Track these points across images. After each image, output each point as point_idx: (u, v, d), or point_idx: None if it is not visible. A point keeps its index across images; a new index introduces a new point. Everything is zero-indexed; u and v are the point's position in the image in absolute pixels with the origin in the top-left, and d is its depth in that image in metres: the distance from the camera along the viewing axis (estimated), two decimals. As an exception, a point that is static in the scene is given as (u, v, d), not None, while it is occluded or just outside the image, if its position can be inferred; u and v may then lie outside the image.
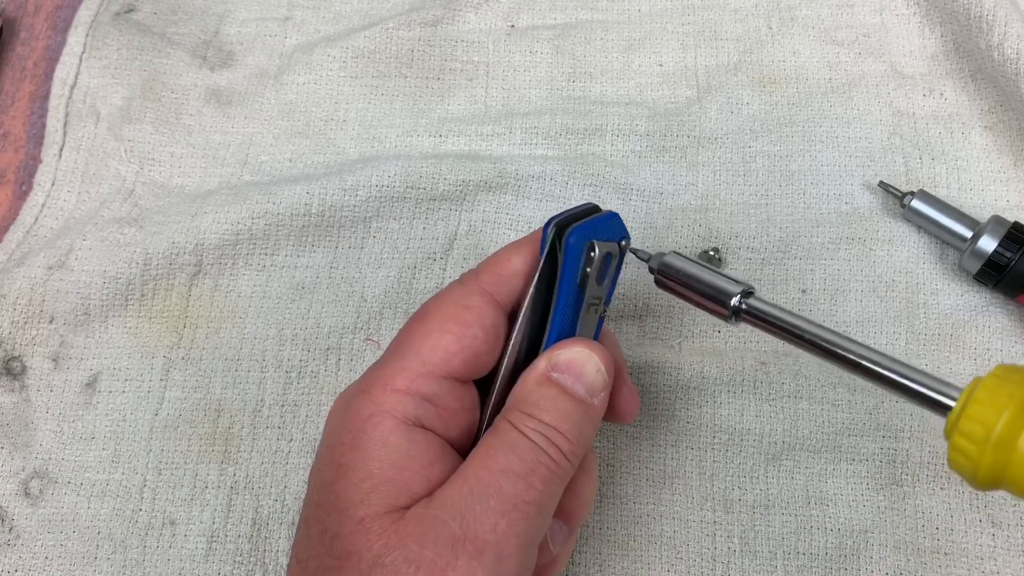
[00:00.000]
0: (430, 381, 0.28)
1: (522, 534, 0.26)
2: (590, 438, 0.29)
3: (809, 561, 0.36)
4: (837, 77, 0.45)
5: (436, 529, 0.26)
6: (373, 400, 0.28)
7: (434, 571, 0.25)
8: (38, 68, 0.48)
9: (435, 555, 0.25)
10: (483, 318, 0.29)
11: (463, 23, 0.48)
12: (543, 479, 0.27)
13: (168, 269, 0.41)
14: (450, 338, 0.29)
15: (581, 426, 0.28)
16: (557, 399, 0.28)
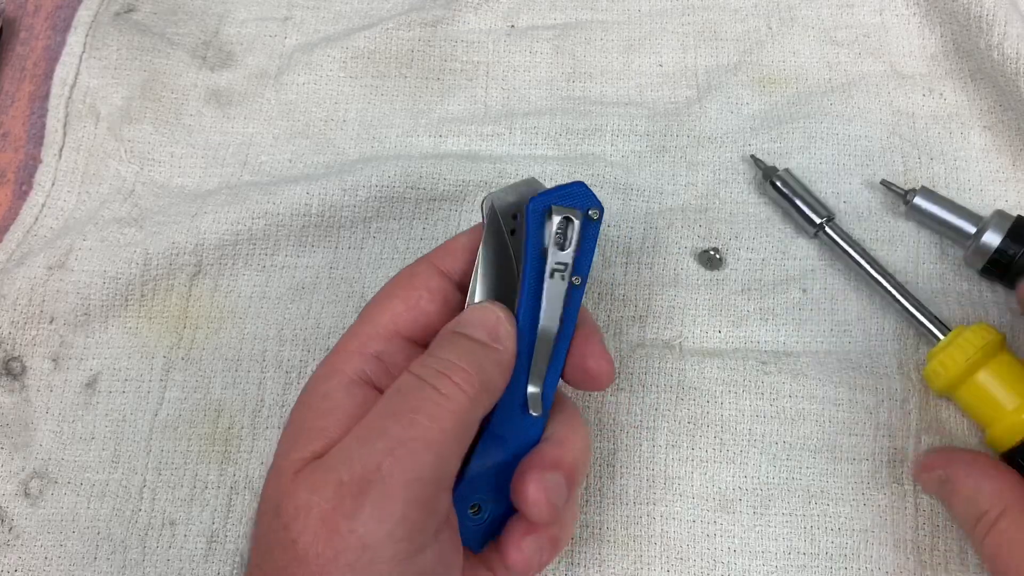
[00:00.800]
0: (378, 340, 0.31)
1: (409, 470, 0.26)
2: (495, 378, 0.29)
3: (809, 561, 0.36)
4: (837, 77, 0.45)
5: (326, 475, 0.26)
6: (327, 364, 0.31)
7: (322, 516, 0.26)
8: (38, 68, 0.48)
9: (322, 499, 0.26)
10: (428, 282, 0.32)
11: (463, 23, 0.48)
12: (430, 414, 0.27)
13: (168, 269, 0.41)
14: (397, 301, 0.32)
15: (481, 363, 0.29)
16: (456, 342, 0.29)
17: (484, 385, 0.29)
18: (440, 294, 0.32)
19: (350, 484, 0.26)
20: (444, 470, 0.27)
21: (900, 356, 0.38)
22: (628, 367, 0.39)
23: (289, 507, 0.26)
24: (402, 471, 0.26)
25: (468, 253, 0.33)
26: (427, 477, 0.26)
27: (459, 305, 0.32)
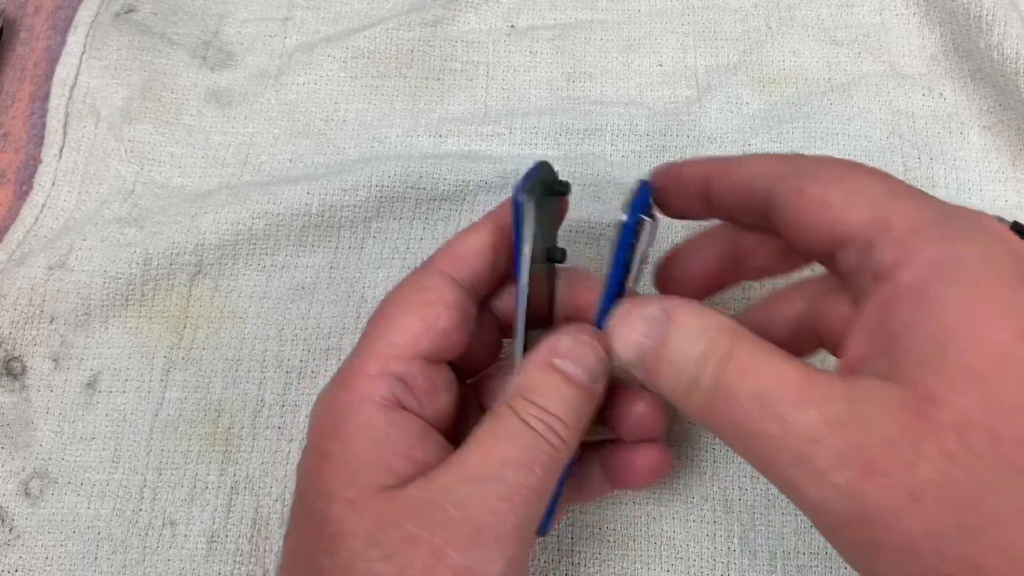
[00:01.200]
0: (401, 363, 0.29)
1: (521, 516, 0.26)
2: (587, 419, 0.29)
3: (809, 561, 0.36)
4: (836, 77, 0.45)
5: (433, 511, 0.26)
6: (350, 389, 0.29)
7: (432, 550, 0.25)
8: (38, 68, 0.48)
9: (432, 535, 0.25)
10: (444, 297, 0.30)
11: (463, 23, 0.48)
12: (543, 465, 0.27)
13: (168, 269, 0.41)
14: (414, 319, 0.30)
15: (580, 411, 0.29)
16: (559, 385, 0.28)
17: (580, 431, 0.29)
18: (458, 311, 0.30)
19: (463, 523, 0.25)
20: (541, 513, 0.28)
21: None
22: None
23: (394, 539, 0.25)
24: (516, 517, 0.26)
25: (479, 255, 0.32)
26: (533, 524, 0.27)
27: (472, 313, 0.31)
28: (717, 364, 0.24)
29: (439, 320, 0.30)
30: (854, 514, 0.21)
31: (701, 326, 0.25)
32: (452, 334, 0.30)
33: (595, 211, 0.42)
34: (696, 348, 0.25)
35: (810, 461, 0.22)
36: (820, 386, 0.22)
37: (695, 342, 0.25)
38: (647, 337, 0.26)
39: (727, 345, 0.24)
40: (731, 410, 0.23)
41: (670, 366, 0.25)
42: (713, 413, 0.24)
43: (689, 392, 0.25)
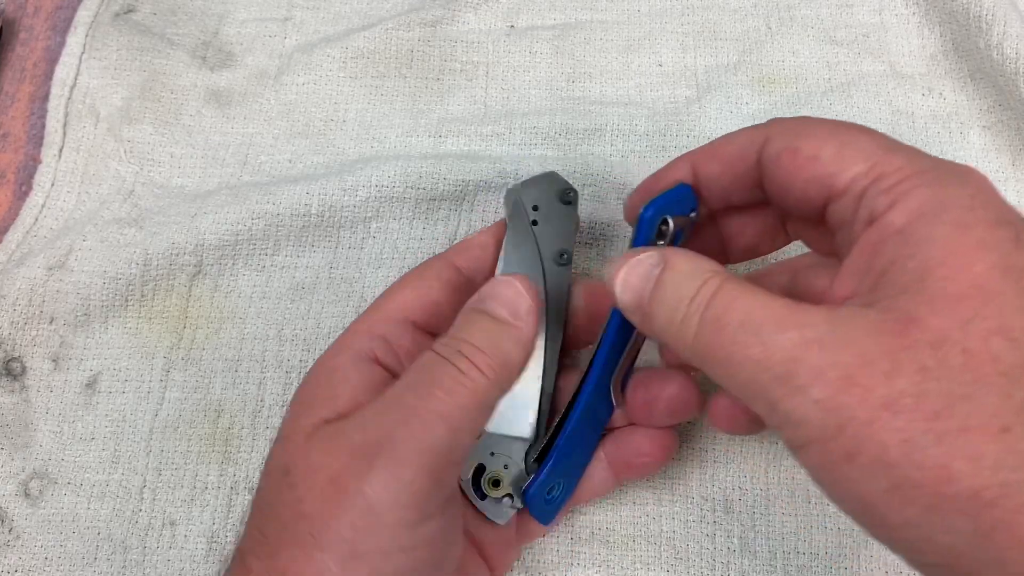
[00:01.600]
0: (386, 324, 0.32)
1: (421, 441, 0.26)
2: (515, 357, 0.30)
3: (809, 561, 0.36)
4: (836, 76, 0.45)
5: (340, 440, 0.27)
6: (336, 343, 0.32)
7: (331, 476, 0.26)
8: (38, 68, 0.48)
9: (332, 461, 0.27)
10: (440, 273, 0.34)
11: (463, 23, 0.48)
12: (447, 389, 0.27)
13: (168, 269, 0.41)
14: (407, 290, 0.33)
15: (501, 343, 0.29)
16: (477, 320, 0.30)
17: (503, 366, 0.29)
18: (450, 284, 0.33)
19: (362, 447, 0.26)
20: (456, 444, 0.28)
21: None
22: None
23: (300, 468, 0.27)
24: (414, 439, 0.26)
25: (484, 250, 0.35)
26: (438, 448, 0.27)
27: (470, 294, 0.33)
28: (706, 300, 0.25)
29: (431, 291, 0.33)
30: (831, 426, 0.22)
31: (693, 268, 0.26)
32: (443, 307, 0.33)
33: (595, 211, 0.42)
34: (689, 287, 0.26)
35: (790, 379, 0.23)
36: (801, 313, 0.23)
37: (687, 282, 0.26)
38: (644, 280, 0.27)
39: (716, 283, 0.25)
40: (719, 339, 0.24)
41: (663, 305, 0.26)
42: (702, 345, 0.25)
43: (681, 329, 0.26)
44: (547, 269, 0.35)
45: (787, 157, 0.27)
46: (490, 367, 0.29)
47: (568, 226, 0.35)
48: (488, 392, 0.29)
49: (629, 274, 0.28)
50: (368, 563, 0.25)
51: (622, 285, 0.28)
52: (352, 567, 0.25)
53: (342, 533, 0.25)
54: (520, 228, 0.35)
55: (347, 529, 0.25)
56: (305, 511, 0.26)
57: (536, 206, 0.35)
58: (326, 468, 0.27)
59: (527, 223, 0.35)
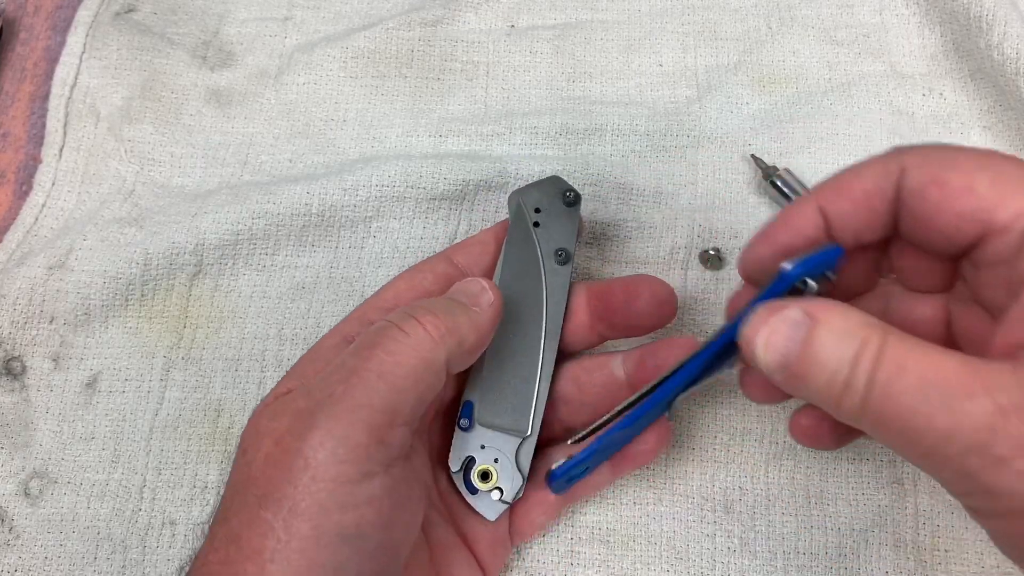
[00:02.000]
0: (377, 311, 0.33)
1: (359, 396, 0.27)
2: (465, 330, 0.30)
3: (809, 561, 0.36)
4: (836, 77, 0.45)
5: (287, 405, 0.28)
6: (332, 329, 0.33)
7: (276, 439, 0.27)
8: (38, 68, 0.48)
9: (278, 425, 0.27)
10: (435, 267, 0.34)
11: (463, 23, 0.48)
12: (388, 349, 0.28)
13: (168, 269, 0.41)
14: (401, 282, 0.34)
15: (454, 313, 0.30)
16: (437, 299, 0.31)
17: (451, 330, 0.29)
18: (444, 277, 0.34)
19: (305, 409, 0.27)
20: (398, 402, 0.28)
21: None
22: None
23: (250, 434, 0.28)
24: (351, 396, 0.27)
25: (483, 247, 0.35)
26: (377, 405, 0.27)
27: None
28: (871, 362, 0.23)
29: (423, 283, 0.34)
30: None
31: (848, 325, 0.24)
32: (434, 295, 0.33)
33: (595, 211, 0.42)
34: (848, 347, 0.23)
35: (987, 449, 0.21)
36: (985, 373, 0.22)
37: (844, 342, 0.24)
38: (790, 340, 0.25)
39: (878, 341, 0.23)
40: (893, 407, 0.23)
41: (819, 368, 0.24)
42: (871, 413, 0.23)
43: (844, 394, 0.24)
44: (547, 268, 0.35)
45: (934, 190, 0.25)
46: (435, 327, 0.29)
47: (569, 226, 0.36)
48: (432, 351, 0.29)
49: (772, 333, 0.25)
50: (309, 520, 0.26)
51: (764, 346, 0.25)
52: (294, 525, 0.26)
53: (283, 491, 0.26)
54: (521, 229, 0.36)
55: (287, 487, 0.26)
56: (252, 475, 0.27)
57: (538, 208, 0.36)
58: (271, 433, 0.27)
59: (528, 224, 0.36)
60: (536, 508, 0.34)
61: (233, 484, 0.28)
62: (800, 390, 0.25)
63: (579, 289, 0.36)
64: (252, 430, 0.28)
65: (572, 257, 0.35)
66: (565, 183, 0.37)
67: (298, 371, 0.31)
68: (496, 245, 0.36)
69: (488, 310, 0.32)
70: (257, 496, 0.26)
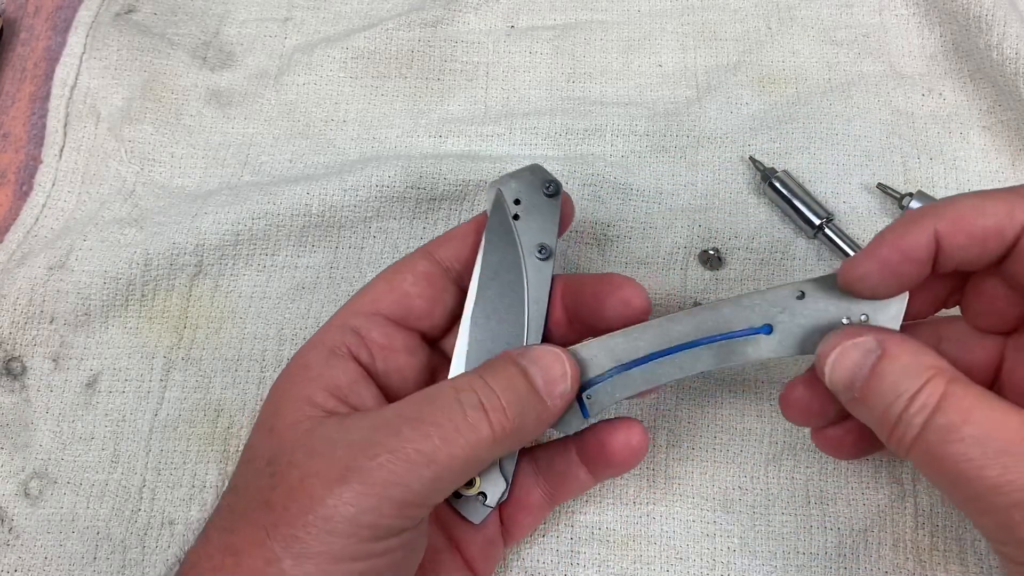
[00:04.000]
0: (358, 316, 0.32)
1: (399, 477, 0.26)
2: (530, 429, 0.29)
3: (809, 560, 0.36)
4: (836, 77, 0.45)
5: (324, 445, 0.27)
6: (311, 339, 0.32)
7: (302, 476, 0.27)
8: (38, 69, 0.48)
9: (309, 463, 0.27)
10: (415, 265, 0.33)
11: (463, 24, 0.48)
12: (448, 438, 0.27)
13: (168, 269, 0.41)
14: (381, 283, 0.33)
15: (524, 410, 0.29)
16: (511, 375, 0.29)
17: (516, 431, 0.28)
18: (424, 276, 0.33)
19: (342, 460, 0.27)
20: (435, 490, 0.27)
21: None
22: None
23: (282, 461, 0.27)
24: (393, 474, 0.26)
25: (463, 240, 0.34)
26: (415, 489, 0.27)
27: (446, 289, 0.33)
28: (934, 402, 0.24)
29: (403, 283, 0.32)
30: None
31: (915, 362, 0.26)
32: (415, 299, 0.32)
33: (595, 211, 0.42)
34: (910, 383, 0.25)
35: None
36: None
37: (909, 377, 0.25)
38: (859, 366, 0.26)
39: (943, 383, 0.25)
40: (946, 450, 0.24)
41: (879, 397, 0.26)
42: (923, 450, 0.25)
43: (899, 426, 0.25)
44: (528, 264, 0.34)
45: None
46: (502, 427, 0.28)
47: (550, 219, 0.35)
48: (488, 450, 0.28)
49: (842, 355, 0.27)
50: (318, 565, 0.26)
51: (833, 364, 0.27)
52: (302, 564, 0.26)
53: (296, 531, 0.26)
54: (501, 222, 0.34)
55: (301, 529, 0.26)
56: (271, 500, 0.27)
57: (518, 199, 0.35)
58: (302, 467, 0.27)
59: (508, 217, 0.34)
60: (524, 510, 0.34)
61: (249, 497, 0.28)
62: (861, 413, 0.27)
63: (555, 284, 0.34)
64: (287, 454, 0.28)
65: (554, 253, 0.34)
66: (546, 173, 0.35)
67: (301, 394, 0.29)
68: (476, 239, 0.34)
69: (561, 404, 0.30)
70: (271, 524, 0.26)
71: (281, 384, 0.31)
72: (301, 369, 0.31)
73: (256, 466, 0.28)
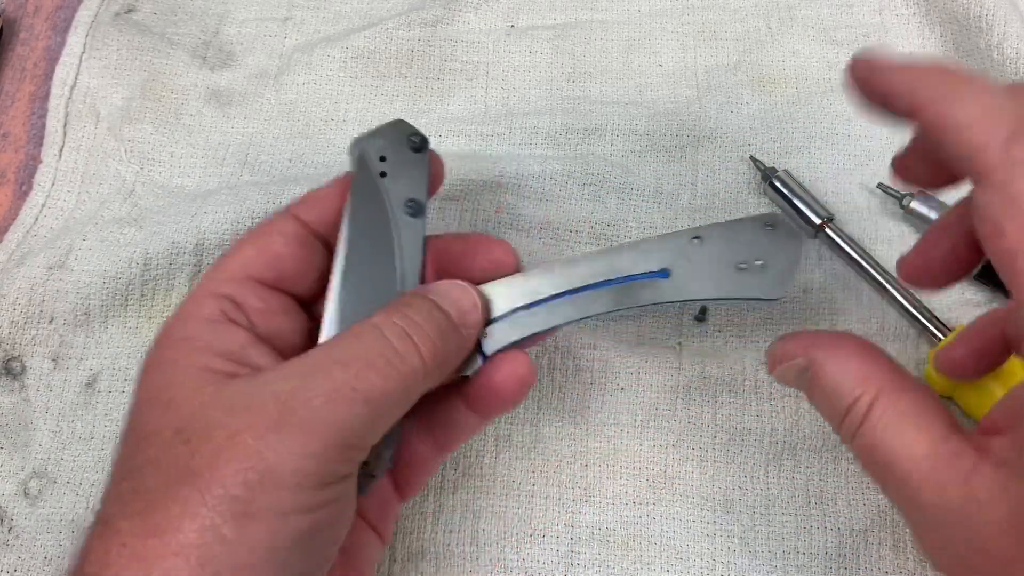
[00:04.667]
0: (231, 284, 0.30)
1: (340, 417, 0.25)
2: (450, 361, 0.29)
3: (809, 561, 0.36)
4: (836, 77, 0.45)
5: (242, 399, 0.26)
6: (179, 309, 0.30)
7: (229, 434, 0.25)
8: (38, 68, 0.48)
9: (232, 420, 0.25)
10: (282, 227, 0.32)
11: (463, 23, 0.48)
12: (382, 372, 0.26)
13: (168, 269, 0.41)
14: (247, 247, 0.31)
15: (446, 338, 0.28)
16: (426, 307, 0.29)
17: (443, 361, 0.28)
18: (295, 239, 0.31)
19: (271, 409, 0.25)
20: (375, 428, 0.27)
21: (901, 356, 0.38)
22: (627, 367, 0.39)
23: (197, 425, 0.25)
24: (333, 415, 0.25)
25: (328, 202, 0.32)
26: (356, 428, 0.26)
27: (317, 251, 0.32)
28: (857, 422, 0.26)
29: (272, 246, 0.31)
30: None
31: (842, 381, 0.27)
32: (287, 262, 0.31)
33: (595, 211, 0.42)
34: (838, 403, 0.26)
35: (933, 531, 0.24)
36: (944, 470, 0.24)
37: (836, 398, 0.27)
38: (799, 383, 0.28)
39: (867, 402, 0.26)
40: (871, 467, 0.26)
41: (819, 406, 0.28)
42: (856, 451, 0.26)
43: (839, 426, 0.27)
44: (398, 221, 0.32)
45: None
46: (432, 356, 0.28)
47: (419, 174, 0.33)
48: (420, 382, 0.28)
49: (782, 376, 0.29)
50: (263, 523, 0.24)
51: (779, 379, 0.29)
52: (244, 525, 0.24)
53: (235, 491, 0.24)
54: (366, 180, 0.33)
55: (240, 487, 0.24)
56: (195, 466, 0.25)
57: (383, 156, 0.33)
58: (226, 426, 0.25)
59: (373, 174, 0.33)
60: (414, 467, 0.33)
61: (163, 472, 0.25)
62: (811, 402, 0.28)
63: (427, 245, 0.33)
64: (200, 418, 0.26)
65: (424, 208, 0.33)
66: (410, 126, 0.34)
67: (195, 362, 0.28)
68: (341, 200, 0.32)
69: (472, 334, 0.30)
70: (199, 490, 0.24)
71: (163, 357, 0.29)
72: (182, 342, 0.29)
73: (159, 439, 0.26)
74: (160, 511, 0.24)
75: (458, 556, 0.37)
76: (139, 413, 0.28)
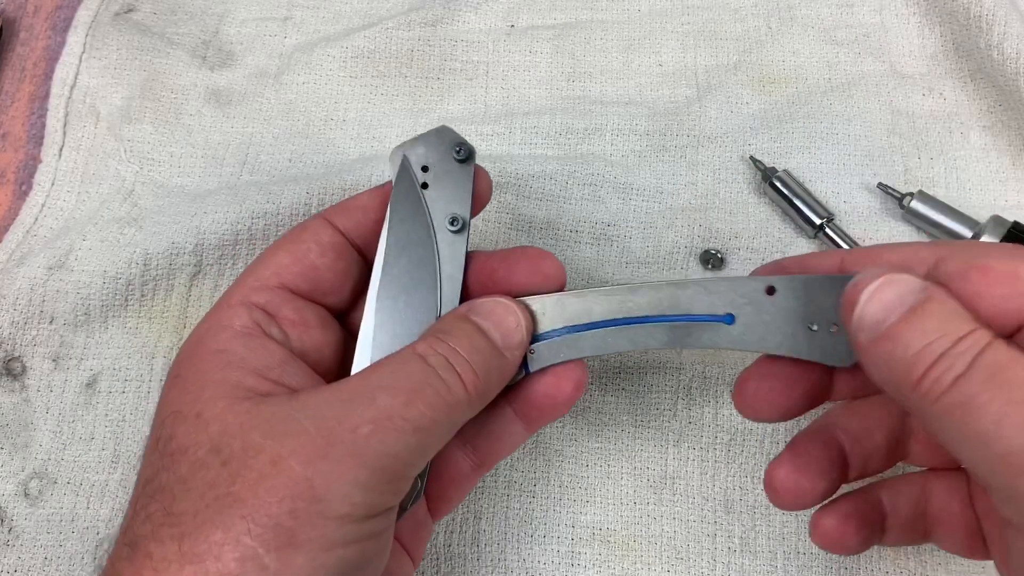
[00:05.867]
0: (264, 293, 0.29)
1: (387, 445, 0.25)
2: (494, 387, 0.29)
3: (809, 561, 0.36)
4: (836, 76, 0.45)
5: (285, 423, 0.25)
6: (211, 318, 0.29)
7: (272, 458, 0.24)
8: (38, 68, 0.48)
9: (276, 444, 0.24)
10: (319, 236, 0.31)
11: (463, 23, 0.48)
12: (429, 403, 0.26)
13: (168, 269, 0.41)
14: (283, 254, 0.30)
15: (489, 367, 0.28)
16: (472, 334, 0.28)
17: (481, 392, 0.28)
18: (331, 248, 0.31)
19: (317, 435, 0.25)
20: (421, 458, 0.27)
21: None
22: (628, 367, 0.39)
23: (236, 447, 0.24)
24: (382, 444, 0.25)
25: (366, 211, 0.32)
26: (404, 458, 0.26)
27: (353, 261, 0.31)
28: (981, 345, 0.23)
29: (308, 255, 0.30)
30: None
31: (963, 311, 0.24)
32: (323, 272, 0.30)
33: (595, 211, 0.42)
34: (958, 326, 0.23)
35: None
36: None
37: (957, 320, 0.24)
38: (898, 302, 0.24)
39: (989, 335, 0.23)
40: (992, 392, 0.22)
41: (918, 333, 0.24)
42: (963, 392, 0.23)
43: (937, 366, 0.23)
44: (439, 237, 0.31)
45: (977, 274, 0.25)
46: (474, 385, 0.27)
47: (463, 187, 0.31)
48: (464, 412, 0.27)
49: (882, 289, 0.25)
50: (307, 554, 0.23)
51: (870, 295, 0.25)
52: (288, 556, 0.23)
53: (280, 519, 0.23)
54: (408, 191, 0.31)
55: (287, 516, 0.23)
56: (237, 492, 0.24)
57: (426, 167, 0.31)
58: (268, 450, 0.24)
59: (415, 185, 0.31)
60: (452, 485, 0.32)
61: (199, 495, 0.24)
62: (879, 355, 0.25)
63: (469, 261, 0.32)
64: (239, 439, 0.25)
65: (468, 224, 0.31)
66: (456, 135, 0.32)
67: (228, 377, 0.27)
68: (381, 210, 0.31)
69: (518, 355, 0.29)
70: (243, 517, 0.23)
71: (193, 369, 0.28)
72: (216, 355, 0.28)
73: (191, 458, 0.25)
74: (198, 538, 0.23)
75: (459, 557, 0.37)
76: (165, 427, 0.27)
